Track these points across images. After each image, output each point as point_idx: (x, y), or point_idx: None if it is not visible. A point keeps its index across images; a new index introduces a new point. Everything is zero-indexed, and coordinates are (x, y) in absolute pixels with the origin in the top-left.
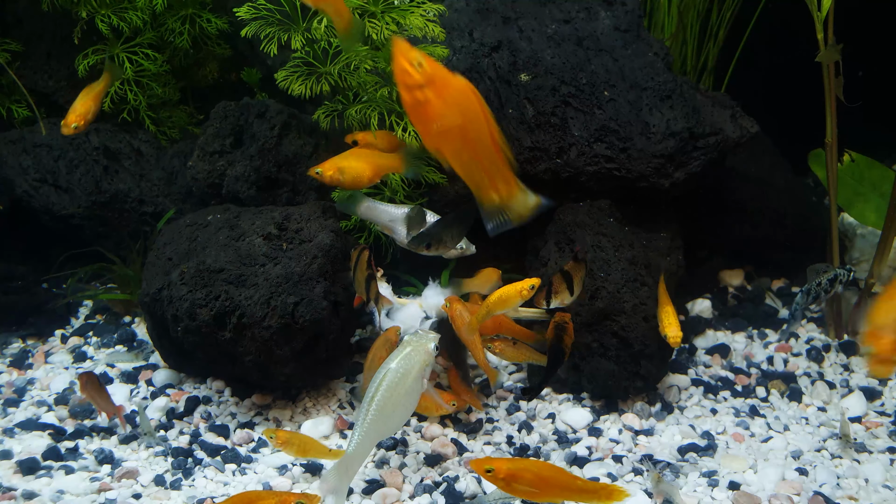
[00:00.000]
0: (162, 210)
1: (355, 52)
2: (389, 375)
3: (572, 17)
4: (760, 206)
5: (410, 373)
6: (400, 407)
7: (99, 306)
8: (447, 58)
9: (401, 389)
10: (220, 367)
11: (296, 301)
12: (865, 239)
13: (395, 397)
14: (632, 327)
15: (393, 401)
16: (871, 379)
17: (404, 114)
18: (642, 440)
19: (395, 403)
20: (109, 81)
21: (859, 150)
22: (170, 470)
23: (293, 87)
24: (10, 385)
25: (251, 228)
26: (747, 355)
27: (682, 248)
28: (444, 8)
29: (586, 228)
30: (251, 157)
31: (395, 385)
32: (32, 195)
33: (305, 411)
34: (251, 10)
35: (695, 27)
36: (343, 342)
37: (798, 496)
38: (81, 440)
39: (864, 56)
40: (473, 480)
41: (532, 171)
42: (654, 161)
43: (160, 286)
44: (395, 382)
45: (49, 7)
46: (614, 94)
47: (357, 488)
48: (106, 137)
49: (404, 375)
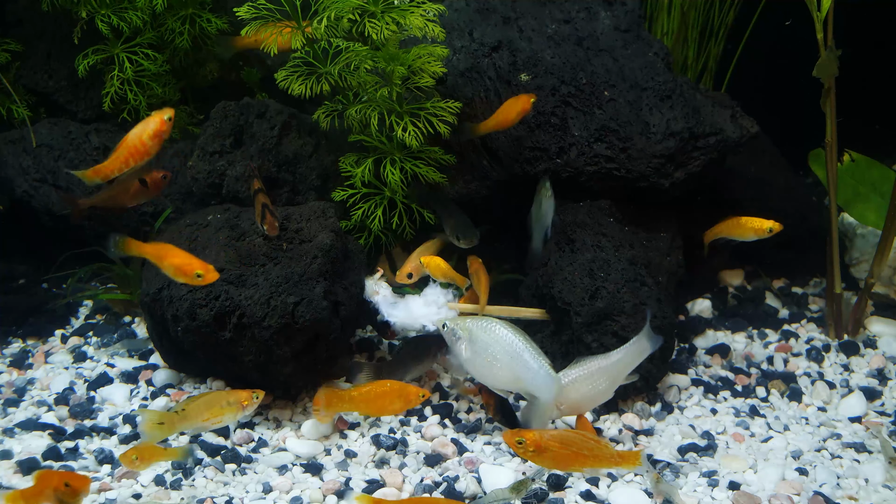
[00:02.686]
0: (162, 210)
1: (355, 52)
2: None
3: (572, 17)
4: (760, 206)
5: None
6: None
7: (99, 306)
8: (447, 58)
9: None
10: (221, 367)
11: (296, 301)
12: (865, 239)
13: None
14: (632, 327)
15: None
16: (871, 379)
17: (404, 114)
18: (642, 440)
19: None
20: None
21: (859, 150)
22: (170, 470)
23: (293, 87)
24: (10, 385)
25: (251, 228)
26: (747, 355)
27: (682, 248)
28: (444, 8)
29: (586, 228)
30: (251, 157)
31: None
32: (32, 195)
33: (305, 411)
34: (251, 10)
35: (696, 27)
36: (343, 342)
37: (798, 496)
38: (81, 440)
39: (864, 56)
40: (473, 480)
41: (532, 171)
42: (655, 161)
43: (160, 286)
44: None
45: (49, 7)
46: (614, 94)
47: (357, 488)
48: (106, 137)
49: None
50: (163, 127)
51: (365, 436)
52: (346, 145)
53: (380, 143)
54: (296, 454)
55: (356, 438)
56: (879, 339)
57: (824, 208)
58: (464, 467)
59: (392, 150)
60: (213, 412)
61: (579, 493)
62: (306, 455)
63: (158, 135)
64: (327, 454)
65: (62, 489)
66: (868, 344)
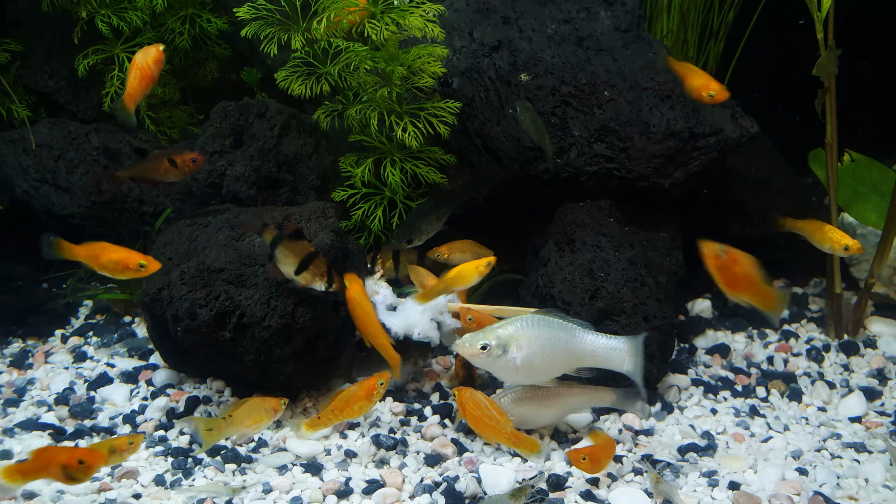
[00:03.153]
0: (162, 210)
1: (355, 53)
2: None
3: (572, 17)
4: (760, 206)
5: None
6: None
7: (99, 306)
8: (447, 58)
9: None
10: (220, 367)
11: (296, 301)
12: (865, 239)
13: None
14: (632, 327)
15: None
16: (871, 379)
17: (404, 114)
18: (642, 440)
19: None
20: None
21: (859, 150)
22: (170, 470)
23: (293, 87)
24: (10, 385)
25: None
26: (747, 355)
27: (682, 248)
28: (443, 8)
29: (586, 228)
30: (251, 157)
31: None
32: (32, 195)
33: (305, 411)
34: (251, 10)
35: (696, 27)
36: (343, 342)
37: (798, 496)
38: (81, 440)
39: (863, 56)
40: (473, 480)
41: (532, 171)
42: (654, 161)
43: (160, 286)
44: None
45: (49, 7)
46: (614, 94)
47: (357, 488)
48: (106, 137)
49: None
50: (160, 55)
51: (365, 436)
52: (346, 145)
53: (380, 143)
54: (296, 454)
55: (356, 438)
56: (879, 339)
57: (824, 208)
58: (464, 467)
59: (392, 150)
60: (254, 418)
61: (579, 494)
62: (306, 455)
63: (158, 62)
64: (327, 454)
65: (75, 465)
66: (868, 344)
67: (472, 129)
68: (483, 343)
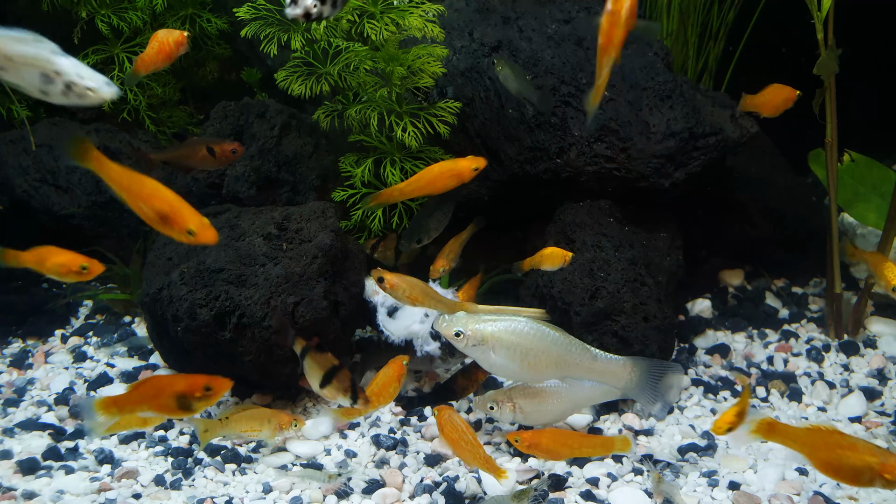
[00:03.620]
0: None
1: (355, 53)
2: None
3: (572, 17)
4: (760, 206)
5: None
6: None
7: (99, 306)
8: (447, 58)
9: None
10: (220, 367)
11: (296, 301)
12: (865, 239)
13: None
14: (632, 327)
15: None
16: (871, 379)
17: (404, 114)
18: (642, 440)
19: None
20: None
21: (859, 150)
22: (170, 470)
23: (293, 87)
24: (10, 385)
25: (251, 228)
26: (747, 355)
27: (682, 248)
28: (443, 8)
29: (586, 228)
30: (251, 156)
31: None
32: (32, 195)
33: (305, 411)
34: (251, 10)
35: (696, 27)
36: (343, 342)
37: (798, 496)
38: (81, 440)
39: (864, 56)
40: (473, 480)
41: (532, 171)
42: (654, 161)
43: (160, 286)
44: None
45: (49, 7)
46: (614, 94)
47: (357, 488)
48: (106, 137)
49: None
50: (183, 38)
51: (365, 436)
52: (346, 145)
53: (380, 143)
54: (296, 454)
55: (356, 438)
56: (879, 339)
57: (824, 208)
58: (464, 467)
59: (392, 150)
60: (252, 426)
61: (579, 494)
62: (306, 455)
63: (179, 44)
64: (327, 454)
65: (200, 393)
66: (868, 344)
67: (472, 129)
68: (457, 330)
